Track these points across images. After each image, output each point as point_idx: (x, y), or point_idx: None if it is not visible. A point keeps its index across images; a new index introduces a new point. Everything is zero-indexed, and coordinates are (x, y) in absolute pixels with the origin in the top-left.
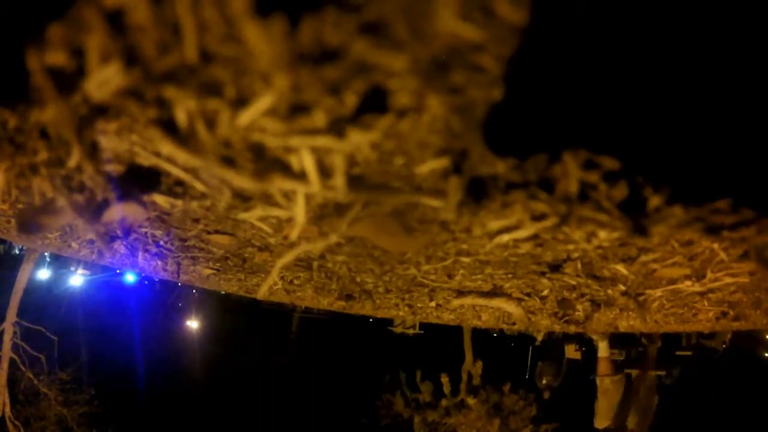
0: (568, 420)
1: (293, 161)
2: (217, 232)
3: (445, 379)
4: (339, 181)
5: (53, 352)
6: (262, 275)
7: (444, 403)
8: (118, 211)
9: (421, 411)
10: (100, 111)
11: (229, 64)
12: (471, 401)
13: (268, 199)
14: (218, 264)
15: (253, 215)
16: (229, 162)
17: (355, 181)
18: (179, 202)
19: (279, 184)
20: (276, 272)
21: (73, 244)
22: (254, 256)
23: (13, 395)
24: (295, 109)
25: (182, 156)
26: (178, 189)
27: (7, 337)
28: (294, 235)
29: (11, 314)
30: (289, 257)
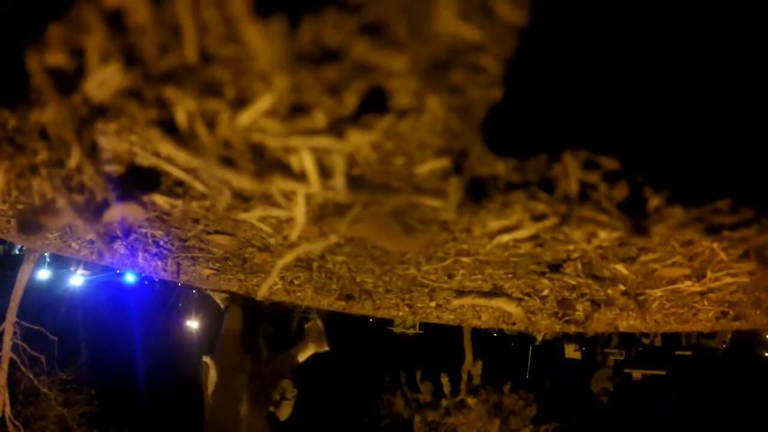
0: (568, 420)
1: (293, 161)
2: (217, 232)
3: (445, 379)
4: (339, 181)
5: (53, 352)
6: (262, 275)
7: (444, 403)
8: (118, 212)
9: (421, 411)
10: (100, 111)
11: (229, 64)
12: (471, 401)
13: (268, 200)
14: (218, 264)
15: (253, 215)
16: (229, 162)
17: (355, 182)
18: (179, 203)
19: (279, 184)
20: (276, 272)
21: (73, 244)
22: (254, 256)
23: (13, 395)
24: (295, 110)
25: (182, 156)
26: (178, 189)
27: (7, 337)
28: (294, 235)
29: (11, 314)
30: (289, 257)
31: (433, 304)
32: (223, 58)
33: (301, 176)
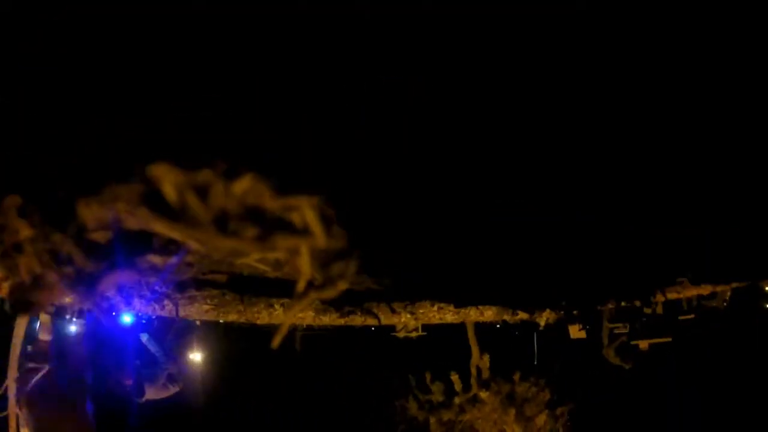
0: (577, 401)
1: (294, 218)
2: (213, 272)
3: (455, 377)
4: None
5: None
6: (262, 304)
7: (457, 400)
8: (112, 278)
9: (436, 412)
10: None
11: None
12: (484, 395)
13: (268, 248)
14: (215, 300)
15: (251, 258)
16: (226, 230)
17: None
18: (173, 258)
19: (282, 243)
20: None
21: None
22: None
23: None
24: None
25: (176, 231)
26: (171, 247)
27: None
28: (301, 285)
29: (12, 370)
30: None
31: (435, 307)
32: None
33: (304, 231)
